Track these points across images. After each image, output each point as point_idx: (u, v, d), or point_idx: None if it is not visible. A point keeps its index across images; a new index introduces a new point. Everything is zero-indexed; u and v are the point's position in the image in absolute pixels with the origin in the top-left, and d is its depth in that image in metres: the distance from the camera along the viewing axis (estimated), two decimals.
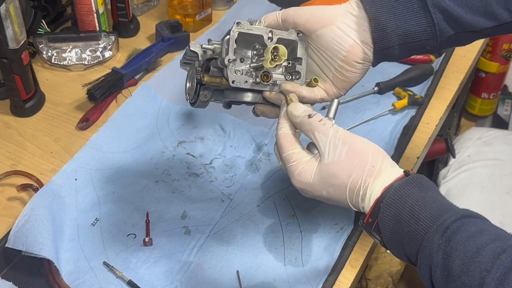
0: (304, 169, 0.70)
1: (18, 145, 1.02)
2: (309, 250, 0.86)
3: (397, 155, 1.00)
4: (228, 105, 0.84)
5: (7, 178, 0.95)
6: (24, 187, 0.93)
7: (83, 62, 1.19)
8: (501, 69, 2.02)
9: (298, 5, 1.35)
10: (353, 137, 0.69)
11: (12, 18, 0.97)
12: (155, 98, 1.11)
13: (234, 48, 0.74)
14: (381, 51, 0.73)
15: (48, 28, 1.25)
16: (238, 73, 0.75)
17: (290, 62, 0.77)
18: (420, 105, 1.10)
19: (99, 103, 1.08)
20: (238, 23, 0.74)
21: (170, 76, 1.17)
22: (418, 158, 1.02)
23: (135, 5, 1.36)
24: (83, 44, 1.20)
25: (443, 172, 1.53)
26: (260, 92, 0.77)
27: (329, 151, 0.68)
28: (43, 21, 1.23)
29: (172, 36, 1.24)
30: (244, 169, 0.99)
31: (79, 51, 1.19)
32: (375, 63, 0.75)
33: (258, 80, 0.75)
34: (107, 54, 1.21)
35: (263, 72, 0.74)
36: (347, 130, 1.06)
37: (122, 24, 1.28)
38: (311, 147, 0.72)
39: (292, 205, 0.93)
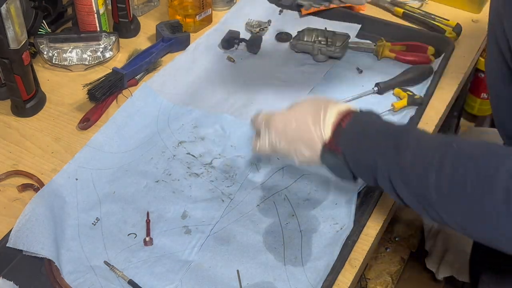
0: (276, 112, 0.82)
1: (19, 145, 1.03)
2: (309, 249, 0.86)
3: None
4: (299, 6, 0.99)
5: (8, 178, 0.95)
6: (25, 187, 0.93)
7: (83, 62, 1.19)
8: None
9: None
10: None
11: (13, 19, 0.97)
12: (156, 98, 1.12)
13: None
14: None
15: (49, 28, 1.25)
16: None
17: None
18: (419, 105, 1.10)
19: (99, 103, 1.08)
20: None
21: (170, 76, 1.17)
22: None
23: (135, 5, 1.36)
24: (83, 44, 1.20)
25: None
26: None
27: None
28: (43, 21, 1.23)
29: (173, 37, 1.24)
30: (244, 169, 0.99)
31: (80, 52, 1.19)
32: None
33: None
34: (108, 54, 1.21)
35: None
36: None
37: (123, 24, 1.28)
38: None
39: (292, 205, 0.93)
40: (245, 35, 1.29)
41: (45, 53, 1.19)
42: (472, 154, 0.64)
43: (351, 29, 1.30)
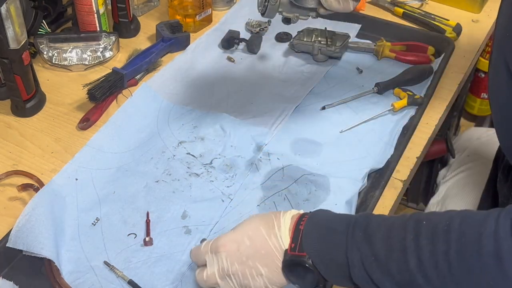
0: (220, 238, 0.74)
1: (19, 145, 1.03)
2: None
3: (396, 155, 1.01)
4: (295, 12, 0.98)
5: (8, 178, 0.95)
6: (24, 187, 0.93)
7: (83, 62, 1.19)
8: None
9: None
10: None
11: (13, 18, 0.97)
12: (156, 98, 1.12)
13: None
14: None
15: (49, 28, 1.25)
16: None
17: None
18: (419, 105, 1.10)
19: (99, 103, 1.08)
20: None
21: (170, 76, 1.17)
22: (417, 158, 1.02)
23: (135, 5, 1.36)
24: (83, 44, 1.20)
25: (442, 172, 1.53)
26: None
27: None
28: (43, 21, 1.23)
29: (173, 37, 1.24)
30: (244, 169, 0.99)
31: (80, 51, 1.19)
32: None
33: None
34: (108, 54, 1.21)
35: None
36: (347, 130, 1.08)
37: (123, 24, 1.28)
38: None
39: (292, 205, 0.93)
40: (245, 35, 1.29)
41: (45, 53, 1.19)
42: (447, 227, 0.60)
43: (351, 29, 1.30)
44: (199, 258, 0.74)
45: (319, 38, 1.24)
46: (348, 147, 1.03)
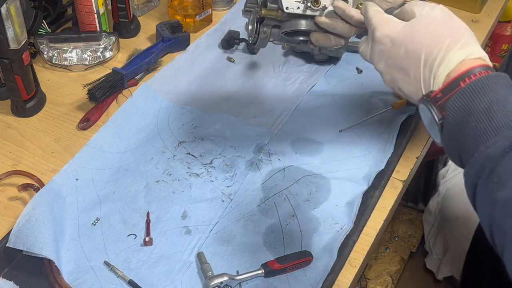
0: (390, 21, 0.71)
1: (19, 145, 1.03)
2: (309, 250, 0.86)
3: (396, 155, 1.01)
4: (286, 42, 0.93)
5: (8, 178, 0.95)
6: (25, 187, 0.93)
7: (83, 62, 1.19)
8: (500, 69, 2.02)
9: None
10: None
11: (13, 19, 0.97)
12: (156, 98, 1.12)
13: None
14: None
15: (49, 28, 1.25)
16: None
17: None
18: None
19: (99, 103, 1.08)
20: None
21: (170, 76, 1.17)
22: (417, 157, 1.02)
23: (135, 5, 1.36)
24: (83, 44, 1.20)
25: (442, 172, 1.53)
26: (313, 18, 0.84)
27: (426, 11, 0.69)
28: (43, 21, 1.23)
29: (173, 37, 1.24)
30: (244, 169, 0.99)
31: (80, 52, 1.19)
32: None
33: (309, 4, 0.82)
34: (108, 54, 1.21)
35: None
36: (346, 129, 1.08)
37: (123, 24, 1.28)
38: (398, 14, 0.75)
39: (292, 205, 0.93)
40: (245, 35, 1.29)
41: (45, 53, 1.19)
42: None
43: None
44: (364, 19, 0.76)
45: None
46: (348, 145, 1.03)
